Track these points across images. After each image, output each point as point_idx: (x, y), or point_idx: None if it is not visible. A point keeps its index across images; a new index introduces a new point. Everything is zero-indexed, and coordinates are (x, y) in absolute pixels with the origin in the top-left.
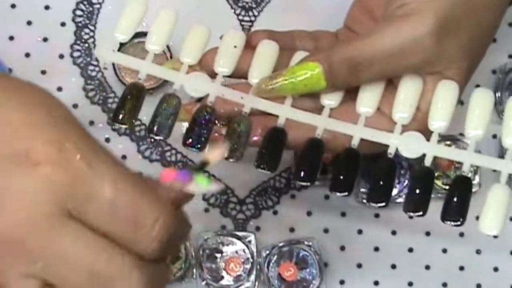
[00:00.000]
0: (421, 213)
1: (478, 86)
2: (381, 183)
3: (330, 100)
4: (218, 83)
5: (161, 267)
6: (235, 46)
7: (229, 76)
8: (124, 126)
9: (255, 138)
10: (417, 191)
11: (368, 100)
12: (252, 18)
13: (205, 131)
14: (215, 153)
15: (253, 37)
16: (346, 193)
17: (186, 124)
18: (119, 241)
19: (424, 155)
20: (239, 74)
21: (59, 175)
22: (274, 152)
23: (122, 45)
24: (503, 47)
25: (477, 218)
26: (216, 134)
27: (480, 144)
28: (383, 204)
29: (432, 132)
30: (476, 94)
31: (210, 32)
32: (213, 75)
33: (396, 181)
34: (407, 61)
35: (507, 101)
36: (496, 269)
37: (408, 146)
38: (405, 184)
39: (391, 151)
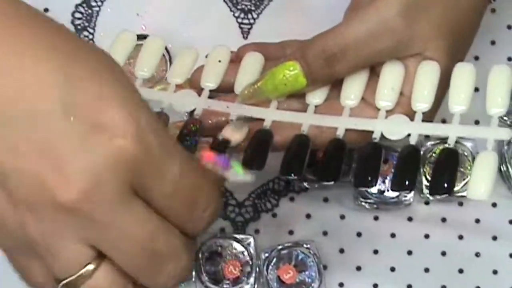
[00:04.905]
0: (408, 190)
1: (477, 89)
2: (367, 165)
3: (315, 98)
4: (204, 96)
5: (195, 242)
6: (220, 61)
7: (216, 91)
8: None
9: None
10: (404, 168)
11: (351, 91)
12: (251, 21)
13: (192, 143)
14: (236, 134)
15: (241, 51)
16: (333, 181)
17: None
18: (173, 221)
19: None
20: (227, 88)
21: (133, 149)
22: (259, 150)
23: None
24: (502, 49)
25: (476, 221)
26: (205, 145)
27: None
28: (370, 187)
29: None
30: (457, 69)
31: (198, 53)
32: (202, 92)
33: (390, 184)
34: (379, 45)
35: (491, 70)
36: (495, 272)
37: (393, 128)
38: None
39: (375, 135)
